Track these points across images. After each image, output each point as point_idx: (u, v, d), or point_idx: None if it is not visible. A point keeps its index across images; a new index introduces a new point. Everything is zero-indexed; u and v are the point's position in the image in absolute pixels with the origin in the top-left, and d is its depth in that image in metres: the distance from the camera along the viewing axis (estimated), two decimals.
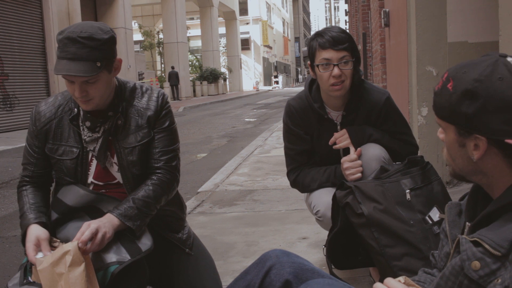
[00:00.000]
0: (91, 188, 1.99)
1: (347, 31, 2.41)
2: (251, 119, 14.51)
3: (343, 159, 2.36)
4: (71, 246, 1.64)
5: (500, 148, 1.10)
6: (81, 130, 1.95)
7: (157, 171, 1.98)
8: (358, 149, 2.35)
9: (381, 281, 1.24)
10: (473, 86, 1.08)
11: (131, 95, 2.00)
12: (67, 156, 1.95)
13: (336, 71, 2.26)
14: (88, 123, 1.93)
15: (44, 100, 2.04)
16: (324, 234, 2.72)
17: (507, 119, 1.06)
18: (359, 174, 2.28)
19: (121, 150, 1.95)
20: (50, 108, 1.99)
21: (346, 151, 2.44)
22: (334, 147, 2.42)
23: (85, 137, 1.94)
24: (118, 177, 1.99)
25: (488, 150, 1.11)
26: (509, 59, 1.10)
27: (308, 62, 2.39)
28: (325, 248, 2.21)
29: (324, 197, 2.40)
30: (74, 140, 1.95)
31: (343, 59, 2.27)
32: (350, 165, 2.31)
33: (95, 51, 1.76)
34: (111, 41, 1.83)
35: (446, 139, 1.19)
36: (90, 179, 1.98)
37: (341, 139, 2.40)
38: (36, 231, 1.80)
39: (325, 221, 2.40)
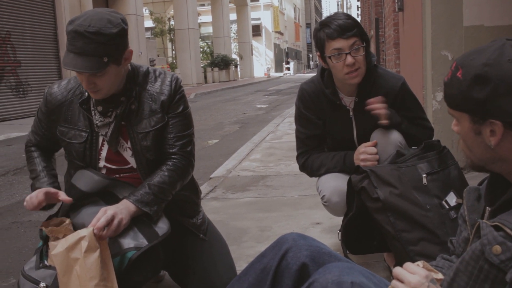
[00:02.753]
0: (104, 172, 1.99)
1: (352, 15, 2.34)
2: (262, 105, 14.47)
3: (362, 149, 2.31)
4: (86, 232, 1.65)
5: None
6: (93, 114, 1.94)
7: (172, 156, 1.97)
8: (374, 140, 2.32)
9: (397, 266, 1.23)
10: (482, 70, 1.07)
11: (144, 79, 1.99)
12: (75, 139, 1.96)
13: (349, 59, 2.22)
14: (100, 108, 1.93)
15: (58, 82, 2.05)
16: (337, 219, 2.71)
17: None
18: None
19: (134, 135, 1.94)
20: (62, 90, 1.99)
21: (360, 138, 2.41)
22: (368, 107, 2.28)
23: (97, 122, 1.94)
24: (132, 162, 1.99)
25: (504, 134, 1.09)
26: None
27: (318, 53, 2.35)
28: (340, 233, 2.20)
29: (330, 182, 2.39)
30: (84, 124, 1.96)
31: (354, 45, 2.22)
32: (367, 157, 2.28)
33: (102, 46, 1.74)
34: (120, 34, 1.79)
35: (461, 130, 1.17)
36: (102, 163, 1.99)
37: (378, 106, 2.28)
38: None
39: (330, 206, 2.40)
